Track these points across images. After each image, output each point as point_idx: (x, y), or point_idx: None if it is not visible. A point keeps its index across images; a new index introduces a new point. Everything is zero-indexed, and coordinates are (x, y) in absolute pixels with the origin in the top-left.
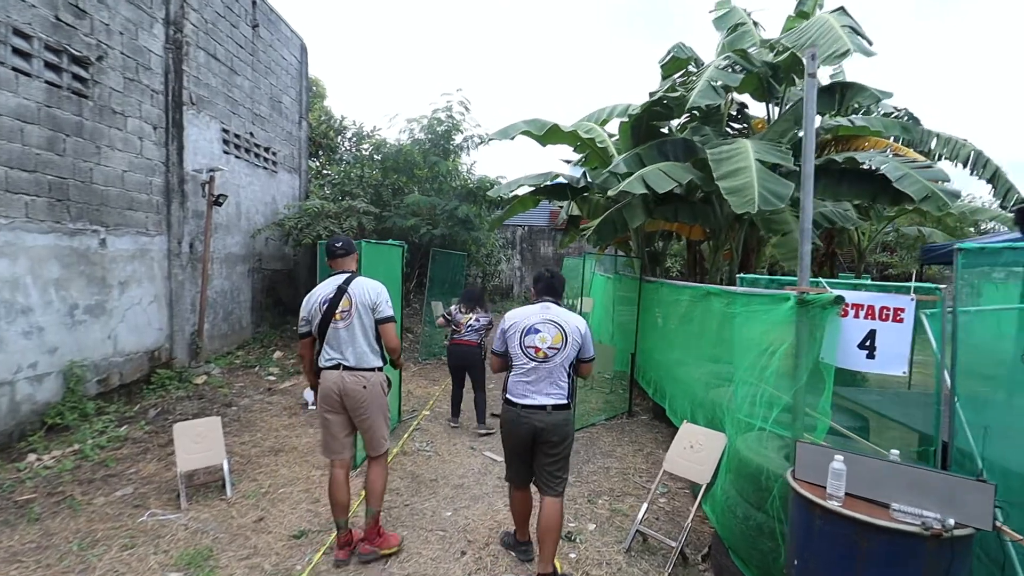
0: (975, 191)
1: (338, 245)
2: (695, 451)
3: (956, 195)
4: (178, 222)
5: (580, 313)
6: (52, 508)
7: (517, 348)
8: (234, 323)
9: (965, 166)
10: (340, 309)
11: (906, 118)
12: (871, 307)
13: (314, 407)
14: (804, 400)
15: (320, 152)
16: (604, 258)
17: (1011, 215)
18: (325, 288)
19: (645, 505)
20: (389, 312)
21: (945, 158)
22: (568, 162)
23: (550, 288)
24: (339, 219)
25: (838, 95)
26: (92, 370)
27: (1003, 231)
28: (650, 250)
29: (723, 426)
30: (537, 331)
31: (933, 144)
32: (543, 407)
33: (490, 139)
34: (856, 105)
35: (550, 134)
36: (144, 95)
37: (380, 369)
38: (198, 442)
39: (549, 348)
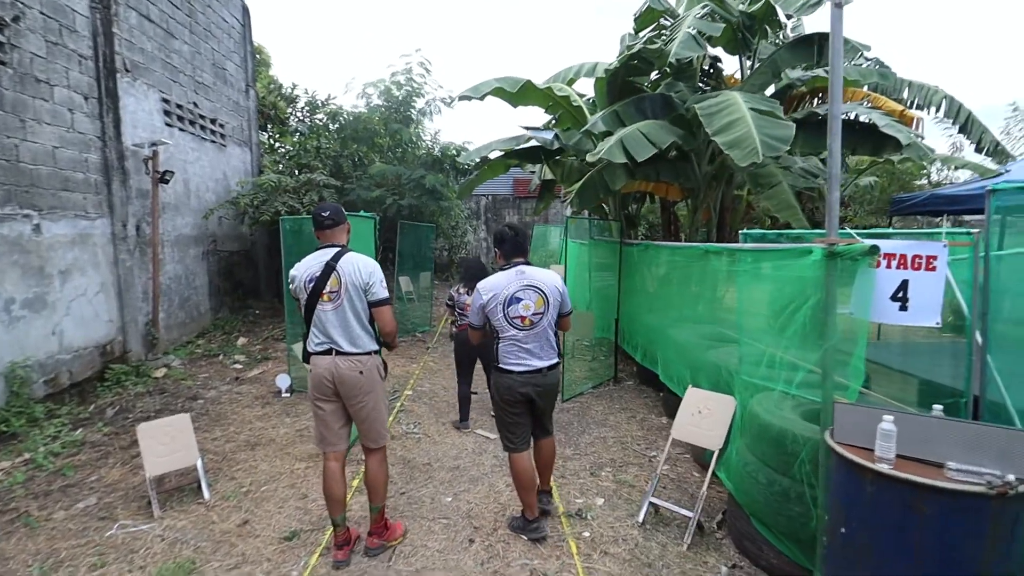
0: (932, 143)
1: (325, 215)
2: (703, 416)
3: (931, 149)
4: (121, 203)
5: None
6: (5, 527)
7: (502, 320)
8: (191, 310)
9: (938, 111)
10: (328, 290)
11: (877, 67)
12: (903, 256)
13: (288, 395)
14: (834, 359)
15: (269, 125)
16: (578, 223)
17: (984, 161)
18: (311, 264)
19: (657, 476)
20: (384, 294)
21: (918, 105)
22: (529, 128)
23: (518, 248)
24: (298, 194)
25: (816, 47)
26: (37, 370)
27: (957, 181)
28: (625, 213)
29: (730, 389)
30: (519, 299)
31: (906, 92)
32: (539, 370)
33: (460, 98)
34: None
35: (523, 93)
36: (71, 61)
37: (376, 352)
38: (167, 443)
39: (534, 315)
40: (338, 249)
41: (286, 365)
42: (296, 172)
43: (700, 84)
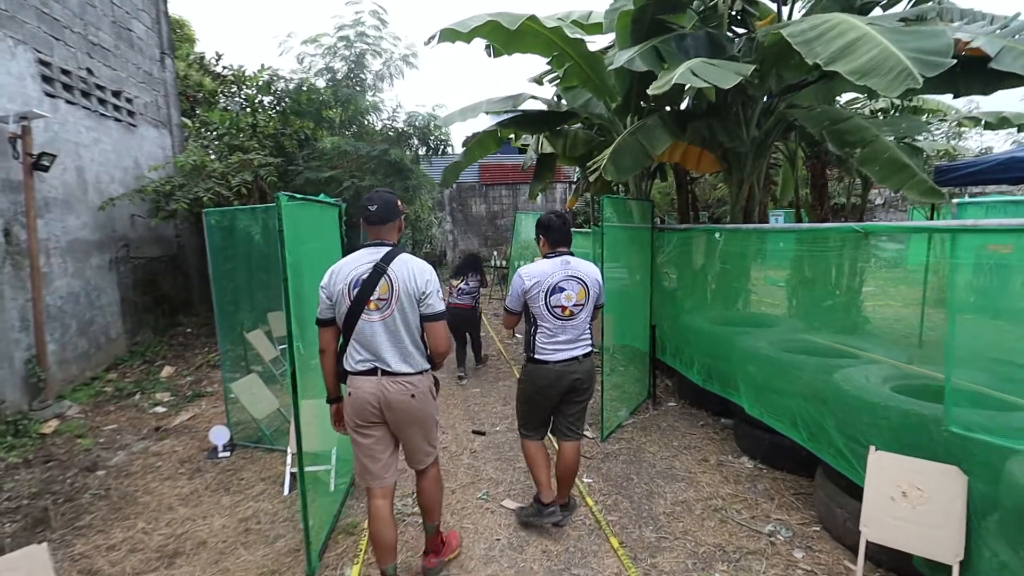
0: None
1: (372, 208)
2: (914, 503)
3: None
4: None
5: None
6: None
7: (543, 309)
8: (97, 336)
9: None
10: (377, 296)
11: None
12: None
13: (225, 454)
14: None
15: (195, 110)
16: (615, 203)
17: None
18: (354, 264)
19: None
20: (441, 306)
21: None
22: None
23: (565, 237)
24: (226, 179)
25: None
26: None
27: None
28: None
29: (932, 446)
30: (562, 289)
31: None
32: (575, 358)
33: (441, 38)
34: None
35: (520, 35)
36: None
37: (428, 371)
38: None
39: (575, 305)
40: (389, 248)
41: (223, 407)
42: (227, 155)
43: (728, 33)
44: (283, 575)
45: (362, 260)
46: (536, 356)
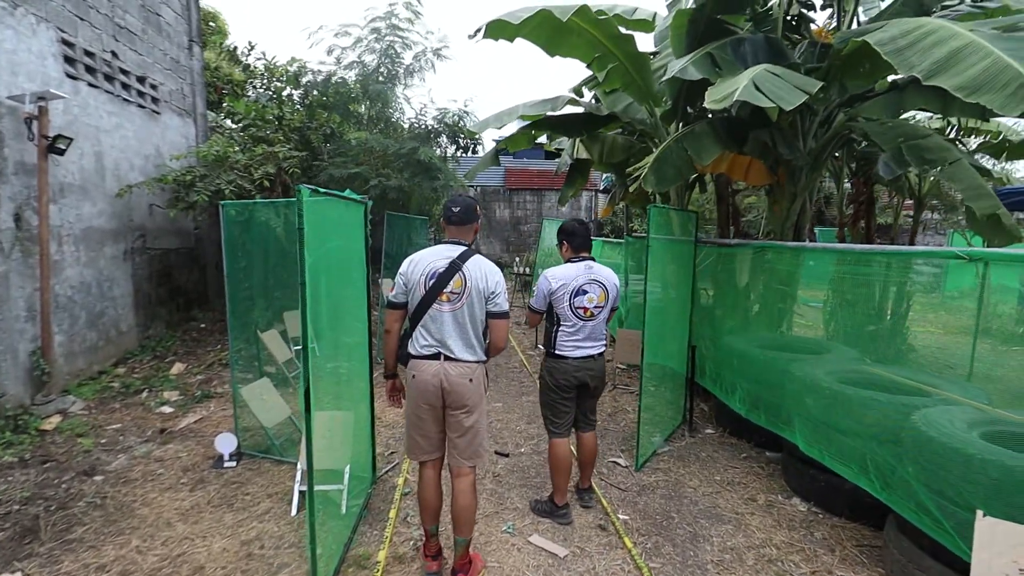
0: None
1: (455, 209)
2: None
3: None
4: None
5: None
6: None
7: (567, 310)
8: (107, 328)
9: None
10: (450, 289)
11: None
12: None
13: (231, 464)
14: None
15: (223, 102)
16: (661, 213)
17: None
18: (433, 258)
19: None
20: (506, 306)
21: None
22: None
23: (586, 242)
24: (248, 171)
25: None
26: None
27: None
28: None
29: None
30: (585, 292)
31: None
32: (591, 356)
33: (484, 34)
34: None
35: (565, 34)
36: None
37: (484, 363)
38: None
39: (596, 307)
40: (465, 248)
41: (232, 410)
42: (252, 145)
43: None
44: None
45: (440, 255)
46: (556, 352)
